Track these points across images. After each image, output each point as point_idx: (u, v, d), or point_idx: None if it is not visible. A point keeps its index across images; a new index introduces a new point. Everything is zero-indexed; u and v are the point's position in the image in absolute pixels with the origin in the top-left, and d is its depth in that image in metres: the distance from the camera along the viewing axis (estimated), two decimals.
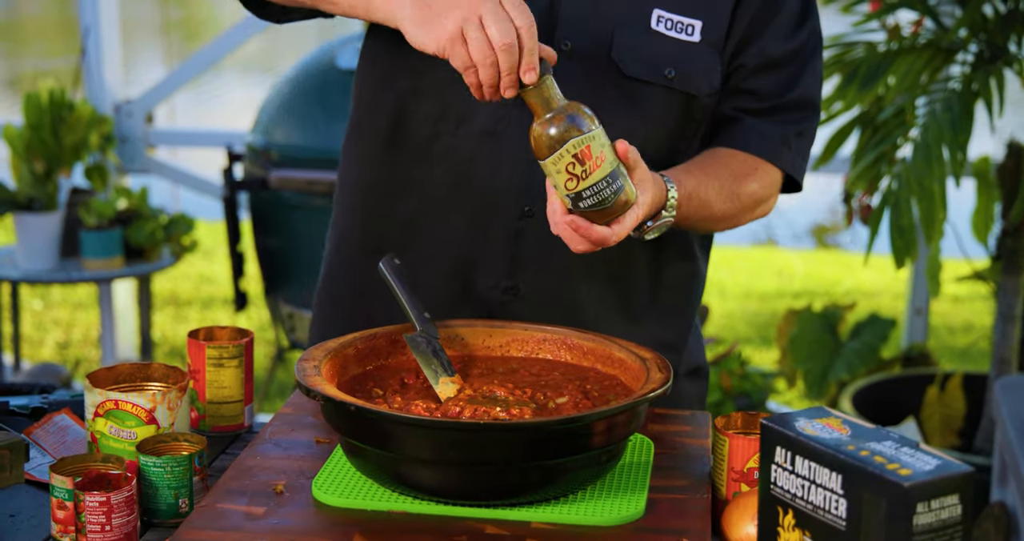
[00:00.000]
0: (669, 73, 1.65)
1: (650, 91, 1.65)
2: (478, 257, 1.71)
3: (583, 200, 1.43)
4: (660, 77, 1.65)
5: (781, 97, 1.71)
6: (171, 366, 1.52)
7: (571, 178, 1.41)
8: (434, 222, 1.72)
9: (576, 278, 1.70)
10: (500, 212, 1.69)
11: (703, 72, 1.67)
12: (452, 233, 1.71)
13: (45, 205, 4.03)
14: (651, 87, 1.65)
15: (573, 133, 1.41)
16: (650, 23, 1.65)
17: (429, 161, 1.70)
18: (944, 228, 3.14)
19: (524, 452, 1.31)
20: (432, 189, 1.71)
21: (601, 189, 1.42)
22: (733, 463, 1.39)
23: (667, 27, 1.65)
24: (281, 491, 1.38)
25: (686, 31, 1.66)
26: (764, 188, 1.72)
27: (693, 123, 1.70)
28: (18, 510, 1.44)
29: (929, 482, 1.07)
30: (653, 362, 1.46)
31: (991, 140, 3.51)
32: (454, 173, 1.69)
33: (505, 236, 1.69)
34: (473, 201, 1.69)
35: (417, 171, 1.71)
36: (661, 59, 1.65)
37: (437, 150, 1.70)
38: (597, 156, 1.42)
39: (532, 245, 1.68)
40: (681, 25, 1.66)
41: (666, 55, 1.65)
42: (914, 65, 3.22)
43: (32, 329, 5.69)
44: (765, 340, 5.51)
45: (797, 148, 1.73)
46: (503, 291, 1.71)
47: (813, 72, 1.74)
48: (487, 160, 1.67)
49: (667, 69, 1.65)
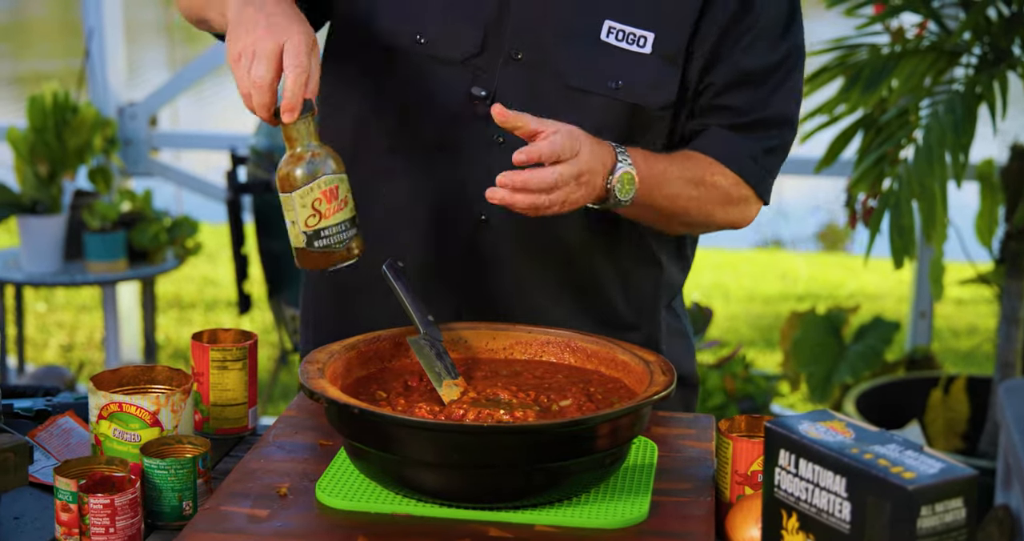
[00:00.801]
0: (614, 84, 1.64)
1: (596, 101, 1.65)
2: (439, 264, 1.73)
3: (320, 239, 1.46)
4: (604, 88, 1.65)
5: (753, 115, 1.69)
6: (175, 369, 1.52)
7: (314, 214, 1.45)
8: (399, 229, 1.74)
9: (531, 285, 1.71)
10: (457, 220, 1.71)
11: (653, 84, 1.65)
12: (414, 242, 1.73)
13: (49, 208, 4.03)
14: (597, 97, 1.65)
15: (328, 170, 1.46)
16: (600, 34, 1.65)
17: (391, 172, 1.73)
18: (947, 231, 3.14)
19: (528, 455, 1.31)
20: (393, 199, 1.73)
21: (338, 232, 1.47)
22: (737, 466, 1.39)
23: (617, 38, 1.65)
24: (285, 494, 1.38)
25: (637, 43, 1.65)
26: (732, 187, 1.69)
27: (647, 134, 1.68)
28: (22, 513, 1.44)
29: (933, 485, 1.07)
30: (657, 365, 1.46)
31: (994, 143, 3.51)
32: (411, 183, 1.72)
33: (463, 243, 1.71)
34: (430, 209, 1.72)
35: (380, 181, 1.74)
36: (607, 71, 1.64)
37: (397, 162, 1.73)
38: (343, 198, 1.47)
39: (488, 252, 1.71)
40: (633, 36, 1.64)
41: (613, 67, 1.64)
42: (918, 68, 3.22)
43: (36, 332, 5.69)
44: (769, 343, 5.51)
45: (763, 163, 1.71)
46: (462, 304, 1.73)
47: (789, 89, 1.71)
48: (442, 170, 1.70)
49: (612, 81, 1.65)
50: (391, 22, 1.70)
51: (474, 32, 1.67)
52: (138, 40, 14.32)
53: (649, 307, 1.81)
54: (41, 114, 4.00)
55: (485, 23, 1.67)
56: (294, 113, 1.44)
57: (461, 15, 1.68)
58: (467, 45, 1.67)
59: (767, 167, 1.72)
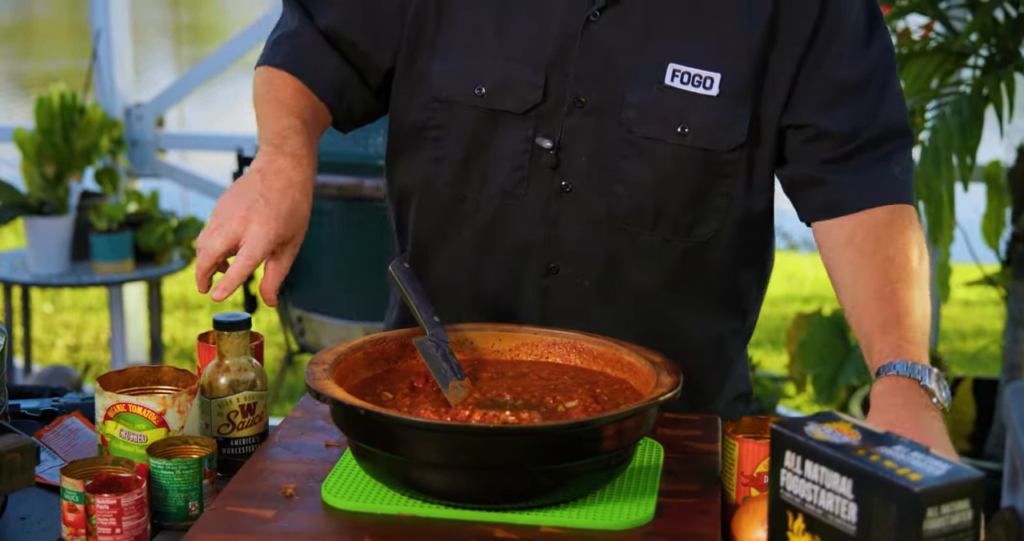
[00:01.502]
0: (680, 130, 1.60)
1: (663, 149, 1.60)
2: (513, 315, 1.71)
3: (229, 448, 1.52)
4: (671, 135, 1.60)
5: (861, 134, 1.59)
6: (181, 369, 1.53)
7: (227, 424, 1.52)
8: (467, 281, 1.73)
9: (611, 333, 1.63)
10: (526, 270, 1.69)
11: (721, 127, 1.59)
12: (485, 291, 1.72)
13: (56, 209, 4.04)
14: (663, 144, 1.60)
15: (249, 387, 1.52)
16: (664, 78, 1.59)
17: (455, 222, 1.71)
18: (954, 232, 3.13)
19: (533, 456, 1.31)
20: (459, 250, 1.72)
21: (246, 445, 1.53)
22: (743, 467, 1.39)
23: (683, 81, 1.59)
24: (291, 494, 1.38)
25: (704, 85, 1.59)
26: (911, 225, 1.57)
27: (724, 178, 1.62)
28: (29, 513, 1.44)
29: (939, 487, 1.07)
30: (663, 366, 1.46)
31: (1001, 144, 3.51)
32: (479, 234, 1.70)
33: (534, 293, 1.69)
34: (499, 260, 1.70)
35: (445, 232, 1.72)
36: (673, 116, 1.59)
37: (462, 212, 1.70)
38: (258, 414, 1.53)
39: (560, 301, 1.69)
40: (699, 78, 1.59)
41: (679, 111, 1.59)
42: (924, 69, 3.22)
43: (43, 332, 5.70)
44: (775, 344, 5.50)
45: (904, 175, 1.60)
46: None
47: (893, 93, 1.60)
48: (510, 220, 1.68)
49: (679, 126, 1.60)
50: (449, 76, 1.66)
51: (535, 79, 1.62)
52: (144, 40, 14.34)
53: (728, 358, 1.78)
54: (48, 115, 4.01)
55: (547, 68, 1.62)
56: (221, 294, 1.45)
57: (521, 63, 1.63)
58: (529, 95, 1.62)
59: (908, 177, 1.61)
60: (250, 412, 1.52)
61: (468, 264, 1.72)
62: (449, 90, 1.66)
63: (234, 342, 1.52)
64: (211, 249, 1.46)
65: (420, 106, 1.69)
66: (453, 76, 1.66)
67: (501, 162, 1.66)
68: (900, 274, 1.51)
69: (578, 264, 1.67)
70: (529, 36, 1.63)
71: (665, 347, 1.53)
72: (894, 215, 1.58)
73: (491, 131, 1.66)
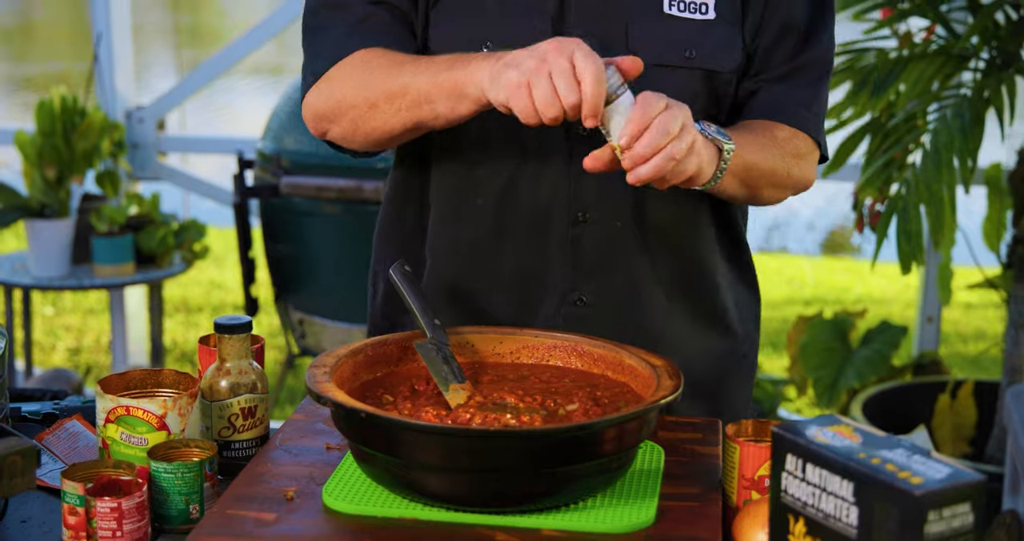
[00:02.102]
0: (689, 53, 1.66)
1: (673, 75, 1.66)
2: (540, 273, 1.72)
3: (230, 451, 1.52)
4: (681, 59, 1.66)
5: (792, 62, 1.72)
6: (182, 372, 1.53)
7: (228, 427, 1.52)
8: (492, 247, 1.73)
9: (642, 281, 1.71)
10: (552, 226, 1.70)
11: (723, 47, 1.68)
12: (512, 255, 1.72)
13: (57, 211, 4.04)
14: (673, 70, 1.66)
15: (250, 390, 1.52)
16: (663, 7, 1.66)
17: (480, 185, 1.71)
18: (955, 235, 3.13)
19: (534, 459, 1.31)
20: (480, 217, 1.72)
21: (247, 447, 1.53)
22: (744, 471, 1.39)
23: (680, 9, 1.66)
24: (291, 497, 1.38)
25: (700, 10, 1.67)
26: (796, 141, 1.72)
27: (720, 101, 1.71)
28: (29, 516, 1.44)
29: (941, 490, 1.07)
30: (664, 369, 1.46)
31: (1002, 147, 3.51)
32: (499, 197, 1.70)
33: (561, 248, 1.70)
34: (522, 221, 1.71)
35: (471, 195, 1.72)
36: (678, 42, 1.66)
37: (482, 176, 1.71)
38: (259, 417, 1.53)
39: (591, 252, 1.70)
40: (694, 5, 1.67)
41: (683, 36, 1.66)
42: (925, 72, 3.22)
43: (44, 335, 5.70)
44: (775, 347, 5.50)
45: (818, 112, 1.74)
46: (571, 304, 1.72)
47: (828, 32, 1.74)
48: (531, 176, 1.69)
49: (686, 50, 1.66)
50: (456, 38, 1.67)
51: (543, 27, 1.65)
52: (144, 42, 14.34)
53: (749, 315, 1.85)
54: (49, 118, 4.01)
55: (551, 17, 1.66)
56: (597, 118, 1.43)
57: (524, 16, 1.66)
58: (537, 42, 1.61)
59: (818, 114, 1.74)
60: (251, 415, 1.52)
61: (497, 220, 1.72)
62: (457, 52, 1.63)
63: (235, 345, 1.52)
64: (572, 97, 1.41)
65: None
66: (459, 39, 1.66)
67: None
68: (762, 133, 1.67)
69: (607, 207, 1.69)
70: None
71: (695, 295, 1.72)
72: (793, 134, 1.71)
73: None
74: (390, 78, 1.59)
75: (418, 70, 1.57)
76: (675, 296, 1.74)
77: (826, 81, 1.76)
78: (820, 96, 1.75)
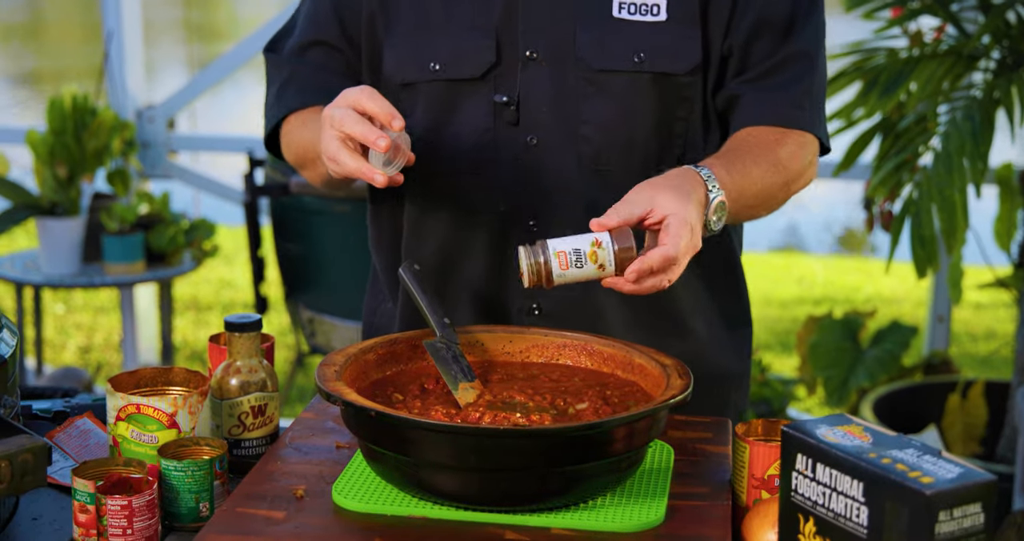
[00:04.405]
0: (636, 58, 1.65)
1: (622, 81, 1.65)
2: (500, 284, 1.74)
3: (239, 449, 1.52)
4: (630, 63, 1.65)
5: (777, 54, 1.68)
6: (192, 370, 1.53)
7: (238, 425, 1.52)
8: (456, 257, 1.75)
9: (598, 293, 1.69)
10: (508, 236, 1.71)
11: (676, 49, 1.66)
12: (474, 265, 1.74)
13: (67, 210, 4.05)
14: (623, 76, 1.65)
15: (260, 388, 1.52)
16: (611, 11, 1.65)
17: (439, 197, 1.74)
18: (966, 235, 3.12)
19: (544, 458, 1.31)
20: (445, 219, 1.74)
21: (257, 446, 1.53)
22: (754, 470, 1.38)
23: (630, 12, 1.65)
24: (301, 496, 1.38)
25: (651, 12, 1.65)
26: (801, 148, 1.69)
27: (682, 102, 1.68)
28: (40, 513, 1.45)
29: (951, 490, 1.07)
30: (673, 368, 1.46)
31: (1013, 147, 3.50)
32: (458, 208, 1.73)
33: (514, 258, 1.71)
34: (481, 233, 1.73)
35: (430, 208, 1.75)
36: (627, 46, 1.65)
37: (440, 189, 1.73)
38: (269, 416, 1.53)
39: None
40: (645, 7, 1.65)
41: (632, 40, 1.65)
42: (936, 72, 3.21)
43: (54, 333, 5.72)
44: (785, 347, 5.49)
45: (811, 105, 1.71)
46: (526, 313, 1.74)
47: (811, 25, 1.69)
48: (484, 187, 1.71)
49: (635, 55, 1.65)
50: (403, 57, 1.71)
51: (486, 43, 1.67)
52: (155, 39, 14.36)
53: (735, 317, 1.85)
54: (60, 117, 4.02)
55: (496, 29, 1.67)
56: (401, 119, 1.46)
57: (470, 30, 1.68)
58: (483, 58, 1.67)
59: (815, 108, 1.71)
60: (261, 413, 1.53)
61: (454, 227, 1.74)
62: (406, 74, 1.71)
63: (245, 343, 1.52)
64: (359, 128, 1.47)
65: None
66: (407, 60, 1.70)
67: (467, 127, 1.69)
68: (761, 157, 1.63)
69: (557, 218, 1.69)
70: (473, 4, 1.68)
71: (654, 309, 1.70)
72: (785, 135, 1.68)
73: (453, 101, 1.69)
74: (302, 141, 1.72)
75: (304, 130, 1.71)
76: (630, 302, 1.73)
77: (815, 71, 1.72)
78: (811, 88, 1.71)
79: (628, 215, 1.45)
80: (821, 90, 1.73)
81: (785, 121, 1.69)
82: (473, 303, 1.75)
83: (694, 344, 1.78)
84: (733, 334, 1.84)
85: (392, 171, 1.50)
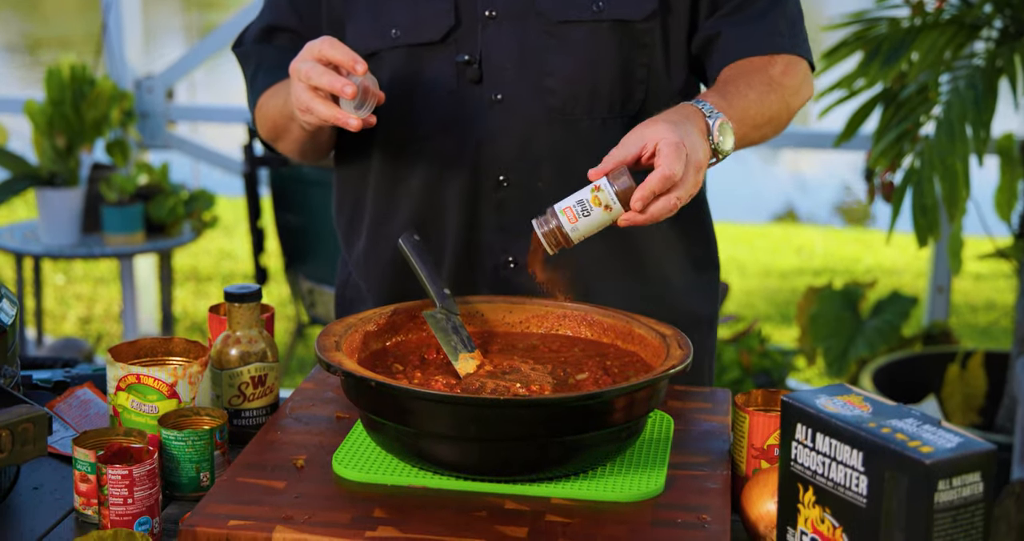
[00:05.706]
0: (596, 7, 1.66)
1: (583, 31, 1.67)
2: (474, 242, 1.74)
3: (239, 418, 1.52)
4: (589, 12, 1.66)
5: None
6: (192, 341, 1.53)
7: (239, 396, 1.52)
8: (428, 219, 1.75)
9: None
10: (480, 192, 1.72)
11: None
12: (447, 225, 1.74)
13: (67, 180, 4.04)
14: (584, 26, 1.67)
15: (260, 358, 1.52)
16: None
17: (412, 162, 1.75)
18: (967, 206, 3.12)
19: (544, 428, 1.31)
20: (419, 184, 1.75)
21: (257, 416, 1.53)
22: (753, 440, 1.39)
23: None
24: (301, 465, 1.39)
25: None
26: (790, 66, 1.71)
27: (642, 49, 1.70)
28: (41, 483, 1.45)
29: (951, 460, 1.07)
30: (673, 338, 1.46)
31: (1015, 117, 3.49)
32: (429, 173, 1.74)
33: (490, 211, 1.73)
34: (451, 193, 1.73)
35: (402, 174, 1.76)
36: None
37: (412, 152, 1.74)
38: (269, 386, 1.53)
39: (517, 213, 1.71)
40: None
41: None
42: (937, 41, 3.19)
43: (54, 304, 5.72)
44: (785, 318, 5.50)
45: (789, 28, 1.72)
46: (502, 267, 1.74)
47: None
48: (452, 147, 1.71)
49: (594, 3, 1.66)
50: (363, 27, 1.72)
51: (444, 6, 1.68)
52: (152, 9, 14.28)
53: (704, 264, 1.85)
54: (59, 87, 4.00)
55: None
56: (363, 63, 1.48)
57: None
58: (442, 22, 1.68)
59: (795, 33, 1.73)
60: (261, 383, 1.53)
61: (428, 192, 1.75)
62: (368, 43, 1.72)
63: (245, 314, 1.52)
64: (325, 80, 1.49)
65: None
66: (368, 30, 1.72)
67: (433, 91, 1.71)
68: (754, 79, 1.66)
69: (526, 169, 1.70)
70: None
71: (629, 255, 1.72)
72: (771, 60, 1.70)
73: (417, 66, 1.71)
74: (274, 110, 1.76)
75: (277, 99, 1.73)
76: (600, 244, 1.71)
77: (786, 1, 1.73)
78: (786, 11, 1.73)
79: (622, 157, 1.47)
80: (797, 10, 1.75)
81: (768, 49, 1.71)
82: (449, 263, 1.75)
83: (663, 287, 1.79)
84: (701, 277, 1.85)
85: (364, 113, 1.52)
